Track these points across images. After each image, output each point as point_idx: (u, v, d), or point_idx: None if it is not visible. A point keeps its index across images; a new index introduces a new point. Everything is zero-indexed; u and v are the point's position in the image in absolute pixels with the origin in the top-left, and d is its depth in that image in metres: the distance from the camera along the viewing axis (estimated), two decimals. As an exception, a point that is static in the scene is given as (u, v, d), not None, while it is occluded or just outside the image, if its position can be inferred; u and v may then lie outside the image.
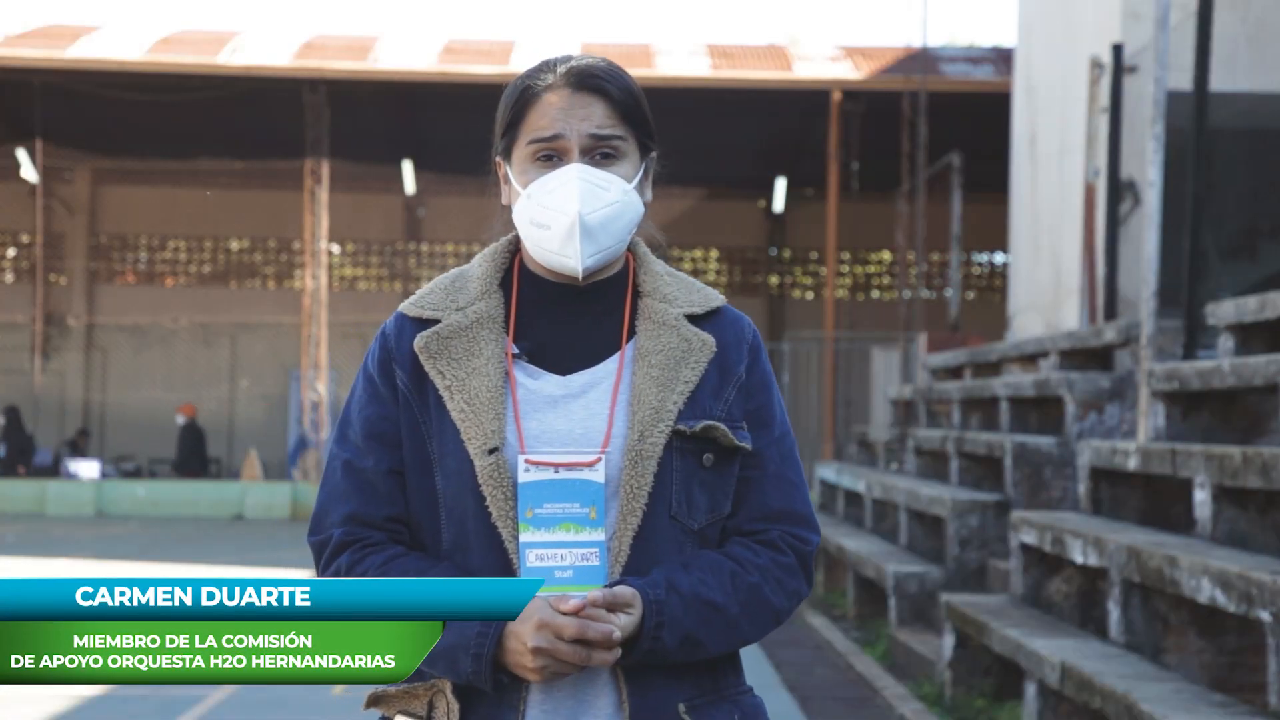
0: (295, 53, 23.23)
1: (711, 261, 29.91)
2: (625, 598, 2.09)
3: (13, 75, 23.03)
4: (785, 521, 2.27)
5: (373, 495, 2.23)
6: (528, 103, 2.25)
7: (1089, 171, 13.37)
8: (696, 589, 2.15)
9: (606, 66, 2.28)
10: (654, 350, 2.24)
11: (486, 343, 2.24)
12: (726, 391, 2.25)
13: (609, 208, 2.22)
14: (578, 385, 2.23)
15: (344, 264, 29.64)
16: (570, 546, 2.16)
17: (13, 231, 28.94)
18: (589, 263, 2.22)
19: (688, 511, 2.21)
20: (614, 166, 2.24)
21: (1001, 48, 23.78)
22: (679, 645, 2.13)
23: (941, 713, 7.69)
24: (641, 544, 2.17)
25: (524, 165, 2.25)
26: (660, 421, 2.19)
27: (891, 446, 14.85)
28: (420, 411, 2.24)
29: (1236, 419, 7.46)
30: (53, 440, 27.53)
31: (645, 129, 2.29)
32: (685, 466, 2.20)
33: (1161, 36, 8.25)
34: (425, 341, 2.24)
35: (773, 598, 2.22)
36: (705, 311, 2.30)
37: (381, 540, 2.22)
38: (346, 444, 2.27)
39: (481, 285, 2.30)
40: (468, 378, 2.21)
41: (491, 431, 2.17)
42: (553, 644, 2.05)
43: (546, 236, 2.22)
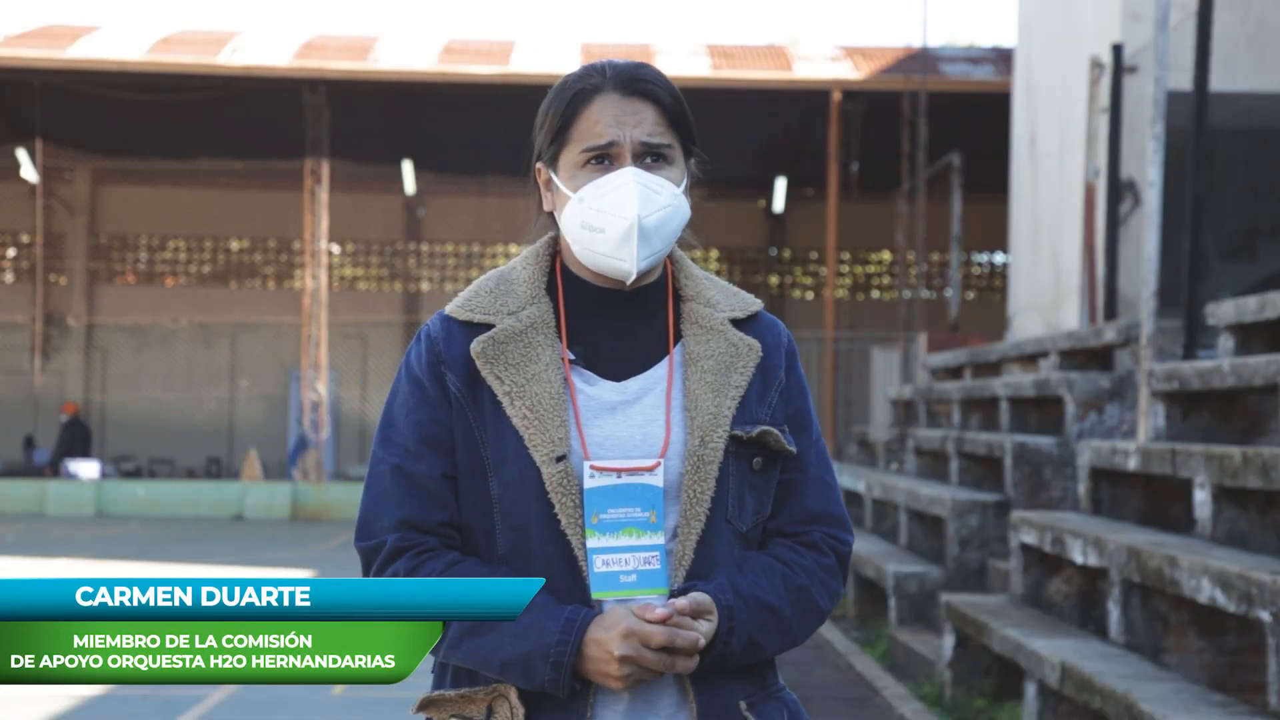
0: (295, 53, 23.23)
1: (711, 262, 29.90)
2: (708, 605, 2.13)
3: (13, 75, 23.03)
4: (824, 523, 2.31)
5: (426, 499, 2.22)
6: (578, 108, 2.24)
7: (1089, 171, 13.37)
8: (755, 592, 2.19)
9: (653, 71, 2.28)
10: (704, 355, 2.26)
11: (543, 348, 2.23)
12: (770, 396, 2.29)
13: (662, 211, 2.23)
14: (633, 391, 2.25)
15: (344, 264, 29.64)
16: (633, 551, 2.19)
17: (13, 231, 28.94)
18: (643, 265, 2.23)
19: (739, 515, 2.24)
20: (664, 171, 2.26)
21: (1001, 48, 23.79)
22: (744, 649, 2.18)
23: (941, 713, 7.69)
24: (703, 548, 2.20)
25: (573, 170, 2.24)
26: (719, 426, 2.22)
27: (891, 446, 14.84)
28: (474, 416, 2.22)
29: (1236, 419, 7.46)
30: (53, 440, 27.53)
31: (689, 134, 2.31)
32: (739, 471, 2.24)
33: (1161, 36, 8.25)
34: (483, 346, 2.23)
35: (819, 598, 2.27)
36: (746, 316, 2.33)
37: (437, 546, 2.21)
38: (392, 447, 2.25)
39: (530, 289, 2.29)
40: (528, 384, 2.21)
41: (559, 439, 2.18)
42: (639, 652, 2.07)
43: (600, 240, 2.22)
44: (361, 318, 27.81)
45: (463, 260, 29.46)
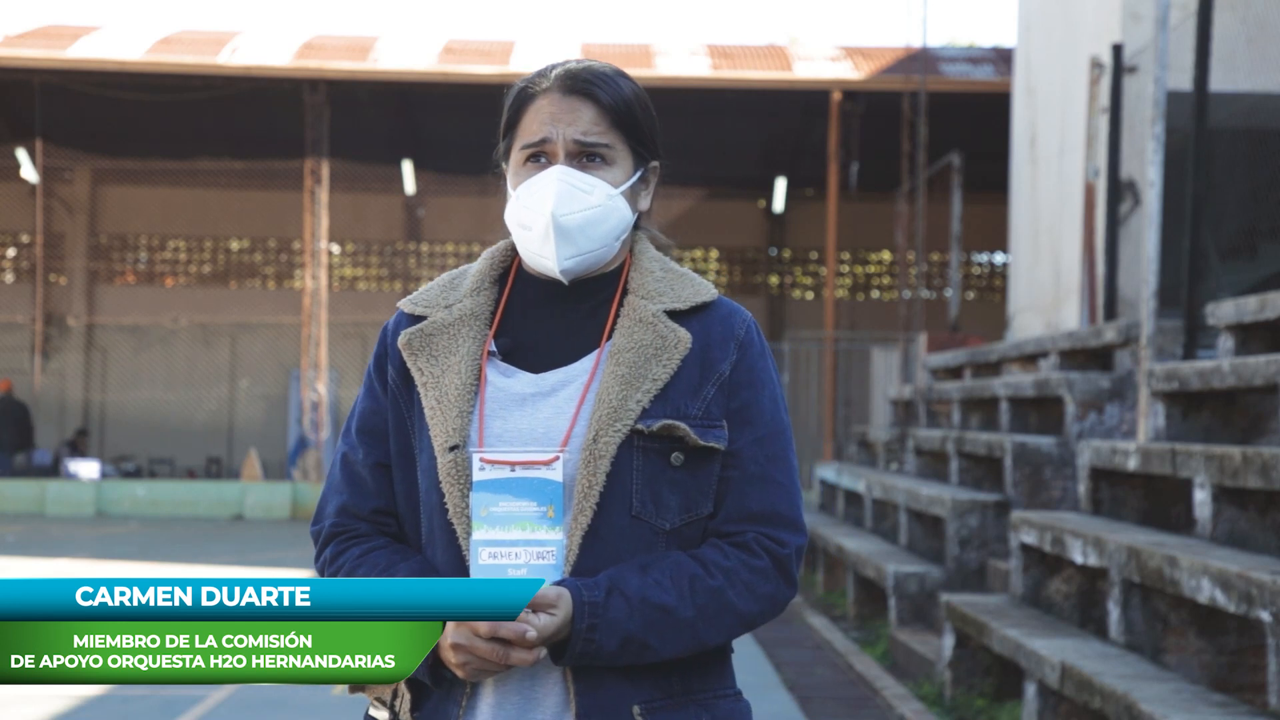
0: (295, 53, 23.23)
1: (711, 261, 29.90)
2: (548, 599, 2.06)
3: (13, 75, 23.03)
4: (764, 523, 2.22)
5: (362, 488, 2.29)
6: (522, 106, 2.28)
7: (1089, 171, 13.37)
8: (646, 592, 2.12)
9: (603, 71, 2.27)
10: (626, 348, 2.21)
11: (466, 340, 2.26)
12: (705, 389, 2.22)
13: (588, 211, 2.21)
14: (549, 384, 2.23)
15: (344, 264, 29.64)
16: (525, 545, 2.15)
17: (13, 231, 28.94)
18: (567, 264, 2.23)
19: (655, 511, 2.17)
20: (600, 171, 2.24)
21: (1001, 48, 23.79)
22: (621, 648, 2.11)
23: (941, 713, 7.69)
24: (598, 544, 2.15)
25: (516, 168, 2.28)
26: (618, 420, 2.16)
27: (891, 446, 14.84)
28: (406, 407, 2.28)
29: (1236, 419, 7.46)
30: (53, 440, 27.53)
31: (638, 136, 2.28)
32: (650, 466, 2.17)
33: (1161, 36, 8.25)
34: (409, 338, 2.29)
35: (737, 601, 2.17)
36: (690, 307, 2.26)
37: (367, 532, 2.28)
38: (347, 437, 2.34)
39: (475, 282, 2.33)
40: (442, 375, 2.24)
41: (454, 429, 2.19)
42: (470, 641, 2.04)
43: (529, 237, 2.25)
44: (361, 318, 27.81)
45: (463, 260, 29.45)
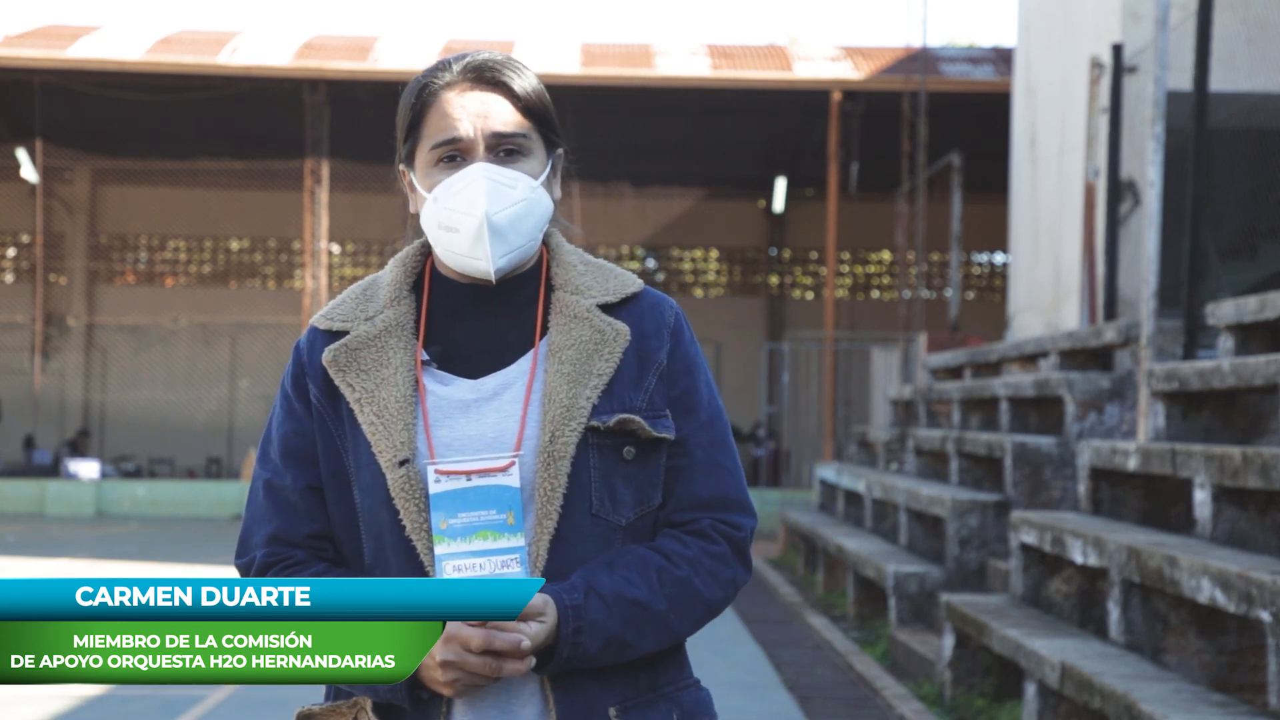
0: (295, 53, 23.24)
1: (711, 261, 29.90)
2: (536, 606, 2.02)
3: (13, 75, 23.04)
4: (716, 509, 2.19)
5: (292, 514, 2.19)
6: (426, 103, 2.18)
7: (1089, 171, 13.37)
8: (619, 589, 2.09)
9: (506, 60, 2.21)
10: (565, 345, 2.16)
11: (395, 351, 2.18)
12: (646, 380, 2.18)
13: (516, 206, 2.15)
14: (490, 388, 2.16)
15: (344, 264, 29.64)
16: (488, 555, 2.10)
17: (13, 231, 28.94)
18: (500, 263, 2.16)
19: (612, 508, 2.14)
20: (520, 164, 2.17)
21: (1001, 48, 23.80)
22: (604, 648, 2.08)
23: (941, 713, 7.69)
24: (562, 546, 2.11)
25: (427, 169, 2.19)
26: (572, 419, 2.12)
27: (891, 446, 14.85)
28: (334, 426, 2.18)
29: (1236, 419, 7.46)
30: (53, 440, 27.53)
31: (549, 124, 2.22)
32: (604, 462, 2.14)
33: (1161, 36, 8.25)
34: (334, 355, 2.19)
35: (704, 589, 2.15)
36: (620, 299, 2.22)
37: (305, 559, 2.18)
38: (268, 463, 2.23)
39: (391, 292, 2.24)
40: (377, 388, 2.15)
41: (401, 443, 2.11)
42: (461, 656, 1.99)
43: (456, 240, 2.16)
44: (361, 318, 27.81)
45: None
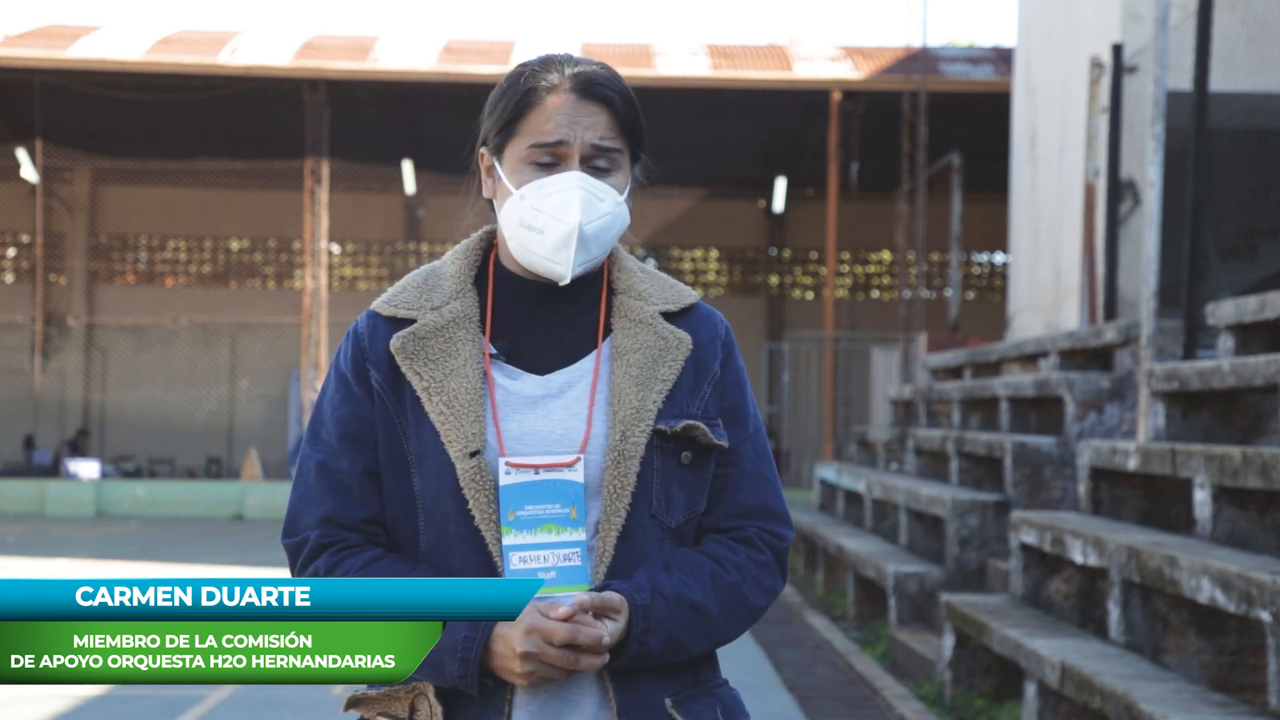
0: (295, 53, 23.23)
1: (711, 261, 29.90)
2: (614, 604, 2.10)
3: (13, 75, 23.03)
4: (761, 518, 2.27)
5: (348, 497, 2.21)
6: (531, 102, 2.21)
7: (1089, 171, 13.37)
8: (679, 590, 2.15)
9: (610, 75, 2.26)
10: (631, 349, 2.23)
11: (464, 343, 2.22)
12: (702, 389, 2.25)
13: (604, 219, 2.21)
14: (556, 385, 2.22)
15: (344, 264, 29.65)
16: (552, 548, 2.15)
17: (13, 231, 28.94)
18: (578, 271, 2.21)
19: (666, 509, 2.21)
20: (609, 178, 2.23)
21: (1001, 48, 23.80)
22: (664, 647, 2.14)
23: (941, 713, 7.69)
24: (625, 543, 2.17)
25: (519, 165, 2.22)
26: (641, 421, 2.18)
27: (891, 446, 14.85)
28: (396, 412, 2.21)
29: (1236, 419, 7.46)
30: (53, 440, 27.53)
31: (639, 140, 2.28)
32: (665, 465, 2.20)
33: (1161, 36, 8.25)
34: (402, 342, 2.22)
35: (751, 596, 2.23)
36: (680, 309, 2.29)
37: (359, 542, 2.20)
38: (320, 444, 2.25)
39: (456, 283, 2.27)
40: (446, 379, 2.19)
41: (472, 434, 2.16)
42: (541, 649, 2.05)
43: (538, 241, 2.20)
44: (361, 318, 27.80)
45: (463, 260, 29.45)
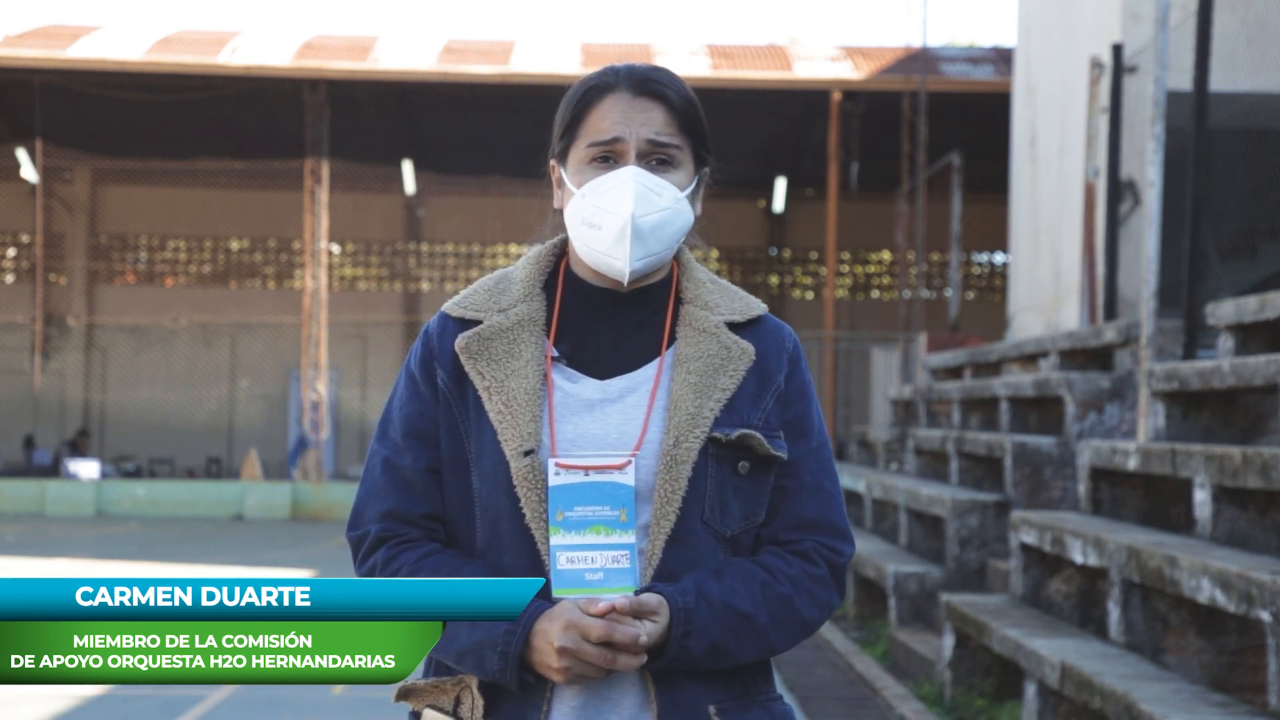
0: (295, 53, 23.24)
1: (712, 262, 29.89)
2: (652, 605, 2.11)
3: (13, 75, 23.04)
4: (820, 532, 2.28)
5: (410, 492, 2.26)
6: (588, 105, 2.27)
7: (1089, 171, 13.37)
8: (727, 598, 2.17)
9: (666, 74, 2.30)
10: (693, 357, 2.25)
11: (527, 345, 2.26)
12: (765, 400, 2.27)
13: (661, 213, 2.24)
14: (616, 390, 2.25)
15: (344, 264, 29.64)
16: (601, 549, 2.17)
17: (13, 231, 28.94)
18: (636, 265, 2.24)
19: (720, 518, 2.22)
20: (668, 174, 2.26)
21: (1001, 48, 23.80)
22: (706, 653, 2.16)
23: (941, 713, 7.69)
24: (675, 547, 2.19)
25: (580, 166, 2.26)
26: (696, 427, 2.21)
27: (891, 446, 14.85)
28: (459, 411, 2.26)
29: (1236, 419, 7.46)
30: (53, 440, 27.53)
31: (701, 140, 2.31)
32: (720, 473, 2.22)
33: (1161, 36, 8.25)
34: (466, 342, 2.27)
35: (803, 609, 2.24)
36: (746, 320, 2.32)
37: (418, 537, 2.25)
38: (387, 441, 2.31)
39: (524, 287, 2.32)
40: (506, 379, 2.24)
41: (528, 434, 2.19)
42: (578, 645, 2.07)
43: (597, 236, 2.24)
44: (361, 318, 27.81)
45: (462, 260, 29.45)
